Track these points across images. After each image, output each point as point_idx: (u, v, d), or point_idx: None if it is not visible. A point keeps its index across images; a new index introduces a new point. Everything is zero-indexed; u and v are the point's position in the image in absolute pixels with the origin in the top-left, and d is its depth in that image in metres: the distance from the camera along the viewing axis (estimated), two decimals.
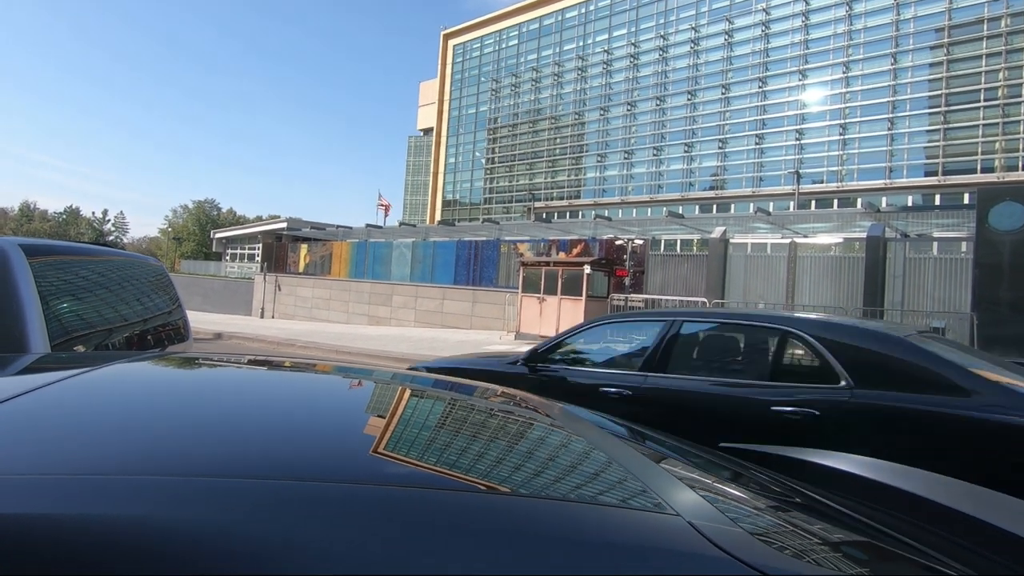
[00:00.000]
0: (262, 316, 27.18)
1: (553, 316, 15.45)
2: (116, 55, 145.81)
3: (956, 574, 0.90)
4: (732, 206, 38.03)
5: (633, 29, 45.65)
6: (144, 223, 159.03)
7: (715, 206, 39.10)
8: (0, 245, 2.69)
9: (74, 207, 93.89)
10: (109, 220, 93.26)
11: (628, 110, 45.41)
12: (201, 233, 77.72)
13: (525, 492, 0.83)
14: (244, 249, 55.56)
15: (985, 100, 31.06)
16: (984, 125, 31.10)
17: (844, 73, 35.63)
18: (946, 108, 32.20)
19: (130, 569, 0.52)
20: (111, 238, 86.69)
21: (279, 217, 51.91)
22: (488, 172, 55.88)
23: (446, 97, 60.99)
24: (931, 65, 32.97)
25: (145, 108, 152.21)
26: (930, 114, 32.82)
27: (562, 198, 49.15)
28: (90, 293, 3.37)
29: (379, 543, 0.58)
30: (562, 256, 17.67)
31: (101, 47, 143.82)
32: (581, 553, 0.61)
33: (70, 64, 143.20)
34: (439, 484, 0.81)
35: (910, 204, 31.65)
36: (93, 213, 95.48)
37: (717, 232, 15.86)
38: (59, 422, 0.92)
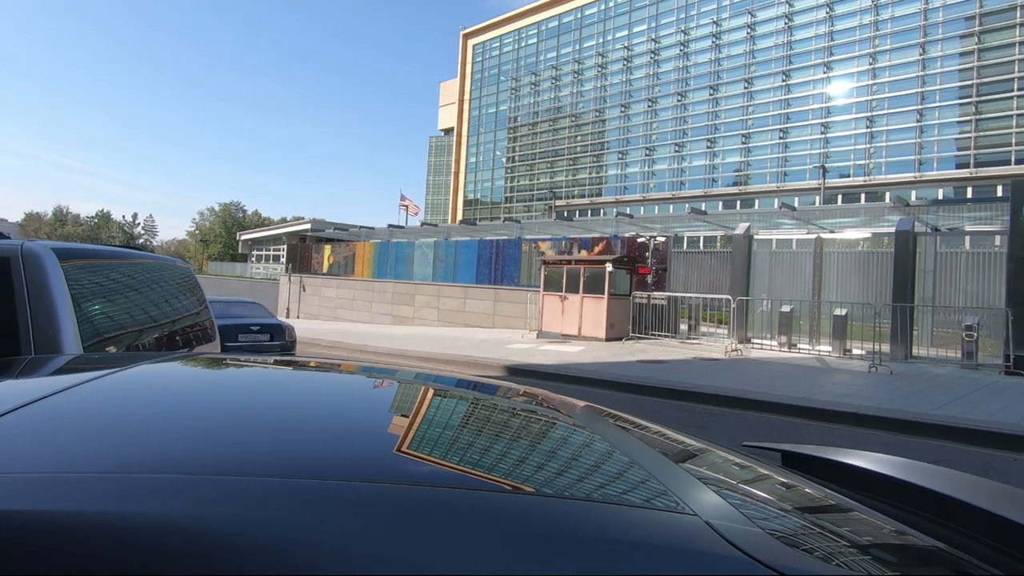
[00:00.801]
0: (287, 316, 27.54)
1: (575, 315, 15.41)
2: (142, 58, 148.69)
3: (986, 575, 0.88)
4: (756, 202, 37.54)
5: (653, 25, 45.28)
6: (172, 225, 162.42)
7: (739, 202, 38.63)
8: (34, 249, 2.76)
9: (105, 211, 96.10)
10: (139, 223, 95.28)
11: (649, 106, 45.06)
12: (227, 235, 78.97)
13: (545, 491, 0.83)
14: (269, 250, 56.37)
15: (1018, 89, 30.19)
16: (1018, 115, 30.23)
17: (871, 64, 34.91)
18: (978, 98, 31.36)
19: (160, 566, 0.54)
20: (140, 241, 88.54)
21: (303, 218, 52.55)
22: (509, 171, 55.90)
23: (466, 97, 61.13)
24: (961, 54, 32.15)
25: (171, 111, 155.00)
26: (961, 104, 32.00)
27: (583, 196, 48.96)
28: (120, 295, 3.44)
29: (403, 541, 0.60)
30: (584, 254, 17.61)
31: (128, 50, 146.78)
32: (597, 552, 0.62)
33: (98, 69, 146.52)
34: (461, 483, 0.82)
35: (941, 197, 30.91)
36: (123, 217, 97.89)
37: (741, 228, 15.66)
38: (91, 421, 0.96)
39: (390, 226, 29.33)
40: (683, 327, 15.38)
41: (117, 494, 0.64)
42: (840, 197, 34.30)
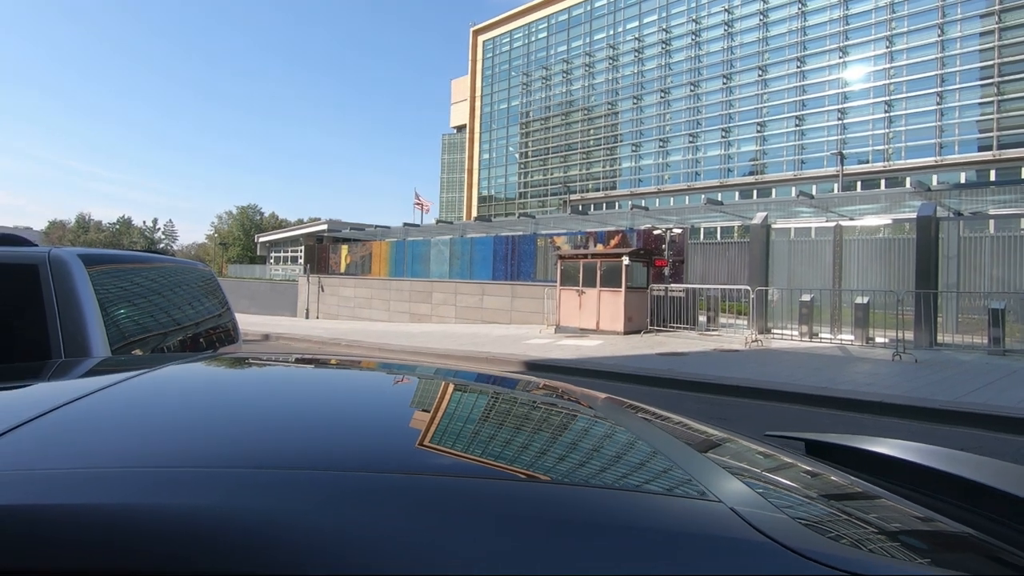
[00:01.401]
0: (307, 316, 27.80)
1: (593, 309, 15.36)
2: (159, 70, 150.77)
3: (1017, 561, 0.87)
4: (773, 191, 37.12)
5: (664, 15, 44.87)
6: (192, 230, 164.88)
7: (755, 191, 38.22)
8: (61, 256, 2.81)
9: (126, 217, 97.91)
10: (159, 228, 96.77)
11: (662, 97, 44.71)
12: (246, 238, 79.84)
13: (570, 480, 0.84)
14: (287, 252, 56.86)
15: None
16: None
17: (888, 47, 34.30)
18: (999, 79, 30.67)
19: (202, 557, 0.56)
20: (162, 246, 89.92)
21: (319, 219, 52.95)
22: (522, 166, 55.83)
23: (478, 93, 61.11)
24: (981, 34, 31.45)
25: (188, 120, 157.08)
26: (982, 86, 31.33)
27: (597, 189, 48.76)
28: (145, 299, 3.50)
29: (429, 530, 0.61)
30: (600, 248, 17.53)
31: (145, 63, 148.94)
32: (625, 539, 0.62)
33: (117, 81, 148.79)
34: (485, 474, 0.83)
35: (963, 181, 30.35)
36: (144, 222, 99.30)
37: (758, 218, 15.49)
38: (127, 419, 0.98)
39: (406, 225, 29.44)
40: (702, 319, 15.27)
41: (157, 488, 0.66)
42: (859, 184, 33.78)
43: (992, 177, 30.49)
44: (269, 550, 0.57)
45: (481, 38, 60.57)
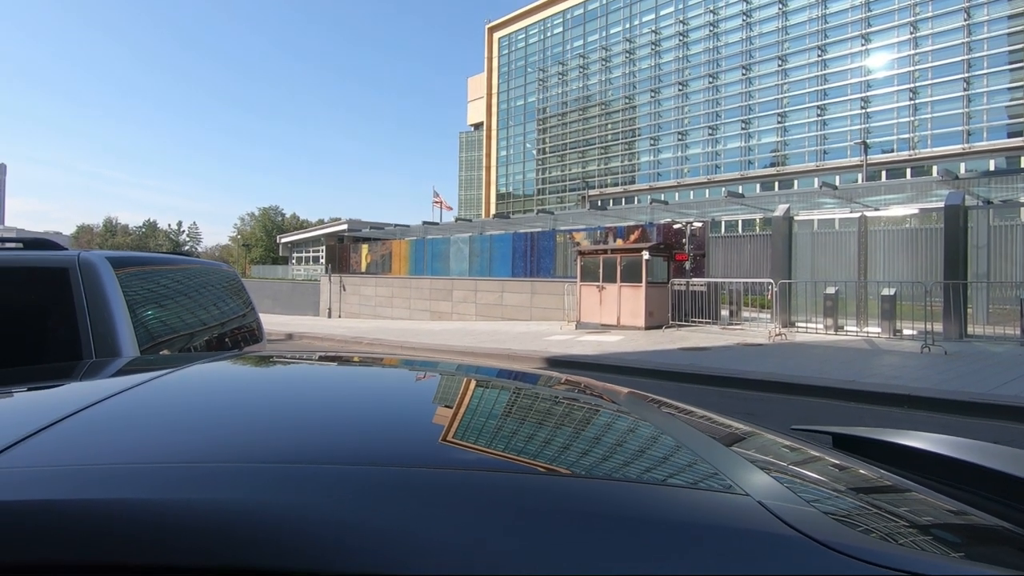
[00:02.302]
0: (329, 316, 28.08)
1: (613, 304, 15.29)
2: (178, 76, 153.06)
3: None
4: (795, 182, 36.56)
5: (681, 6, 44.39)
6: (215, 232, 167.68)
7: (777, 183, 37.67)
8: (90, 259, 2.87)
9: (152, 220, 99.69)
10: (183, 231, 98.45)
11: (680, 90, 44.28)
12: (268, 239, 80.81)
13: (596, 474, 0.84)
14: (308, 252, 57.46)
15: None
16: None
17: (912, 33, 33.55)
18: None
19: (231, 547, 0.58)
20: (186, 248, 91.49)
21: (339, 219, 53.36)
22: (540, 163, 55.71)
23: (494, 90, 61.09)
24: (1010, 17, 30.61)
25: (208, 124, 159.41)
26: (1012, 70, 30.50)
27: (616, 184, 48.48)
28: (171, 300, 3.56)
29: (459, 525, 0.61)
30: (619, 243, 17.44)
31: (161, 69, 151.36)
32: (650, 532, 0.62)
33: (139, 88, 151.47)
34: (511, 468, 0.83)
35: (992, 168, 29.59)
36: (169, 225, 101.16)
37: (780, 210, 15.28)
38: (155, 416, 1.01)
39: (425, 223, 29.58)
40: (724, 313, 15.12)
41: (190, 482, 0.67)
42: (884, 173, 33.15)
43: (1022, 164, 29.69)
44: (298, 543, 0.57)
45: (497, 35, 60.51)
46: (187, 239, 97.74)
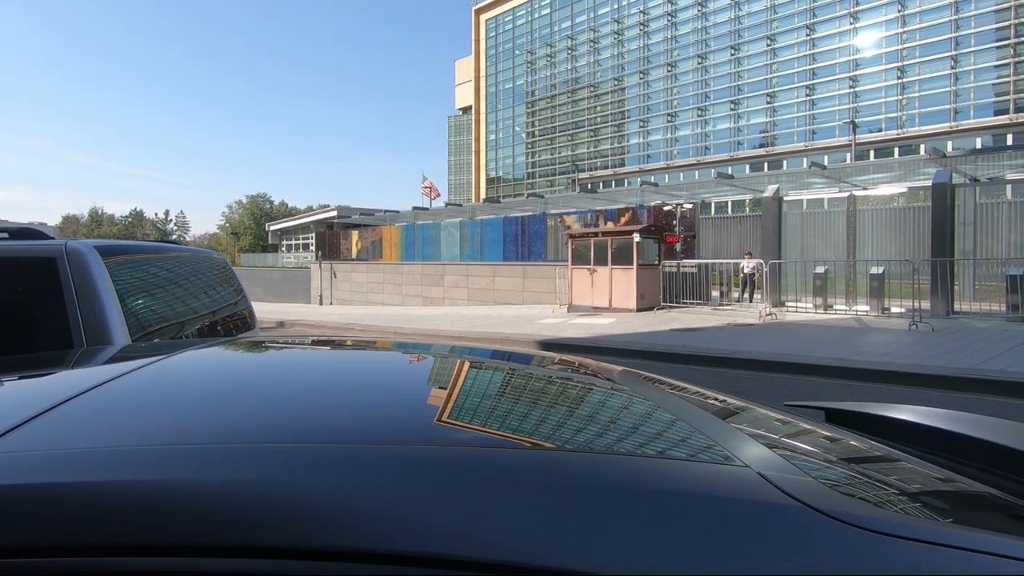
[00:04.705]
0: (320, 303, 28.01)
1: (605, 287, 15.34)
2: (158, 48, 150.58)
3: None
4: (784, 162, 36.64)
5: None
6: (203, 220, 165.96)
7: (766, 164, 37.74)
8: (78, 248, 2.84)
9: (138, 210, 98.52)
10: (171, 220, 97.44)
11: (669, 71, 44.08)
12: (257, 227, 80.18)
13: (596, 448, 0.85)
14: (298, 239, 57.08)
15: None
16: None
17: (899, 11, 33.51)
18: (1016, 40, 29.92)
19: (226, 526, 0.58)
20: (174, 237, 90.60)
21: (329, 206, 52.97)
22: (529, 146, 55.46)
23: (482, 73, 60.57)
24: None
25: (190, 97, 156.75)
26: (998, 47, 30.58)
27: (606, 167, 48.39)
28: (161, 289, 3.53)
29: (456, 502, 0.62)
30: (610, 226, 17.45)
31: (144, 36, 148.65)
32: (653, 503, 0.63)
33: (120, 64, 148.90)
34: (510, 445, 0.84)
35: (979, 146, 29.73)
36: (156, 214, 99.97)
37: (770, 190, 15.32)
38: (150, 401, 1.01)
39: (415, 208, 29.44)
40: (715, 294, 15.20)
41: (186, 464, 0.68)
42: (872, 152, 33.26)
43: (1009, 141, 29.87)
44: (292, 520, 0.58)
45: (483, 17, 59.85)
46: (175, 228, 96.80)
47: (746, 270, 14.99)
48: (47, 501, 0.61)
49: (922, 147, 29.33)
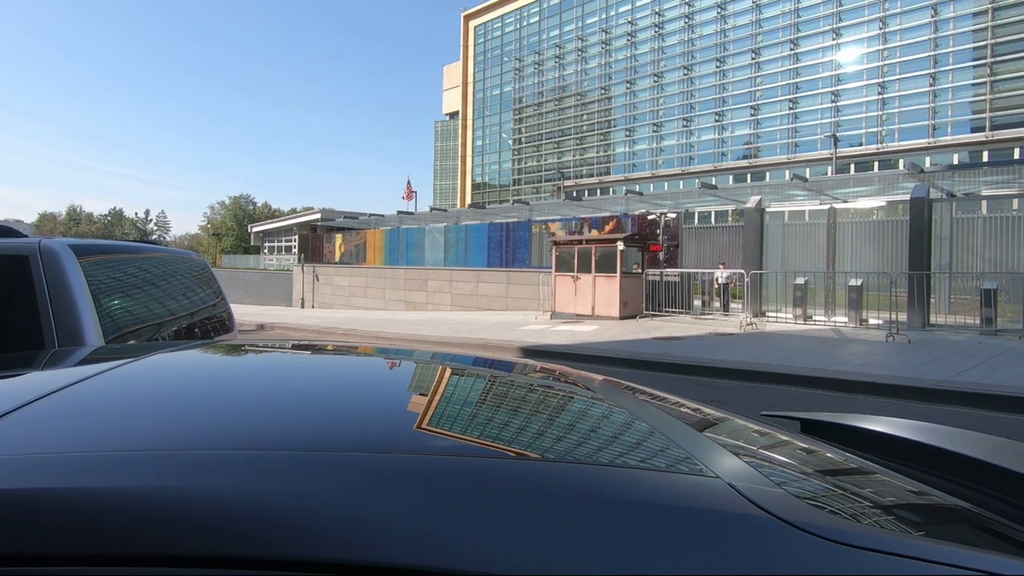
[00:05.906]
0: (302, 306, 27.75)
1: (588, 294, 15.39)
2: (147, 54, 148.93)
3: (1009, 532, 0.88)
4: (767, 174, 37.09)
5: None
6: (185, 221, 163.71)
7: (749, 175, 38.17)
8: (51, 246, 2.79)
9: (118, 209, 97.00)
10: (151, 220, 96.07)
11: (655, 81, 44.46)
12: (239, 228, 79.34)
13: (569, 458, 0.85)
14: (281, 241, 56.56)
15: None
16: None
17: (881, 29, 34.16)
18: (992, 59, 30.62)
19: (193, 535, 0.56)
20: (154, 237, 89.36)
21: (312, 209, 52.61)
22: (516, 153, 55.56)
23: (470, 79, 60.63)
24: (975, 14, 31.35)
25: (176, 103, 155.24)
26: (975, 66, 31.27)
27: (592, 175, 48.60)
28: (138, 290, 3.47)
29: (432, 511, 0.61)
30: (594, 234, 17.53)
31: (128, 44, 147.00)
32: (620, 512, 0.63)
33: (103, 64, 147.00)
34: (485, 453, 0.83)
35: (956, 162, 30.35)
36: (136, 214, 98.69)
37: (752, 201, 15.50)
38: (121, 404, 0.98)
39: (399, 213, 29.33)
40: (697, 303, 15.32)
41: (155, 470, 0.66)
42: (853, 166, 33.78)
43: (985, 158, 30.50)
44: (265, 531, 0.57)
45: (472, 23, 59.96)
46: (155, 228, 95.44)
47: (720, 280, 15.13)
48: (2, 507, 0.59)
49: (901, 162, 29.83)
